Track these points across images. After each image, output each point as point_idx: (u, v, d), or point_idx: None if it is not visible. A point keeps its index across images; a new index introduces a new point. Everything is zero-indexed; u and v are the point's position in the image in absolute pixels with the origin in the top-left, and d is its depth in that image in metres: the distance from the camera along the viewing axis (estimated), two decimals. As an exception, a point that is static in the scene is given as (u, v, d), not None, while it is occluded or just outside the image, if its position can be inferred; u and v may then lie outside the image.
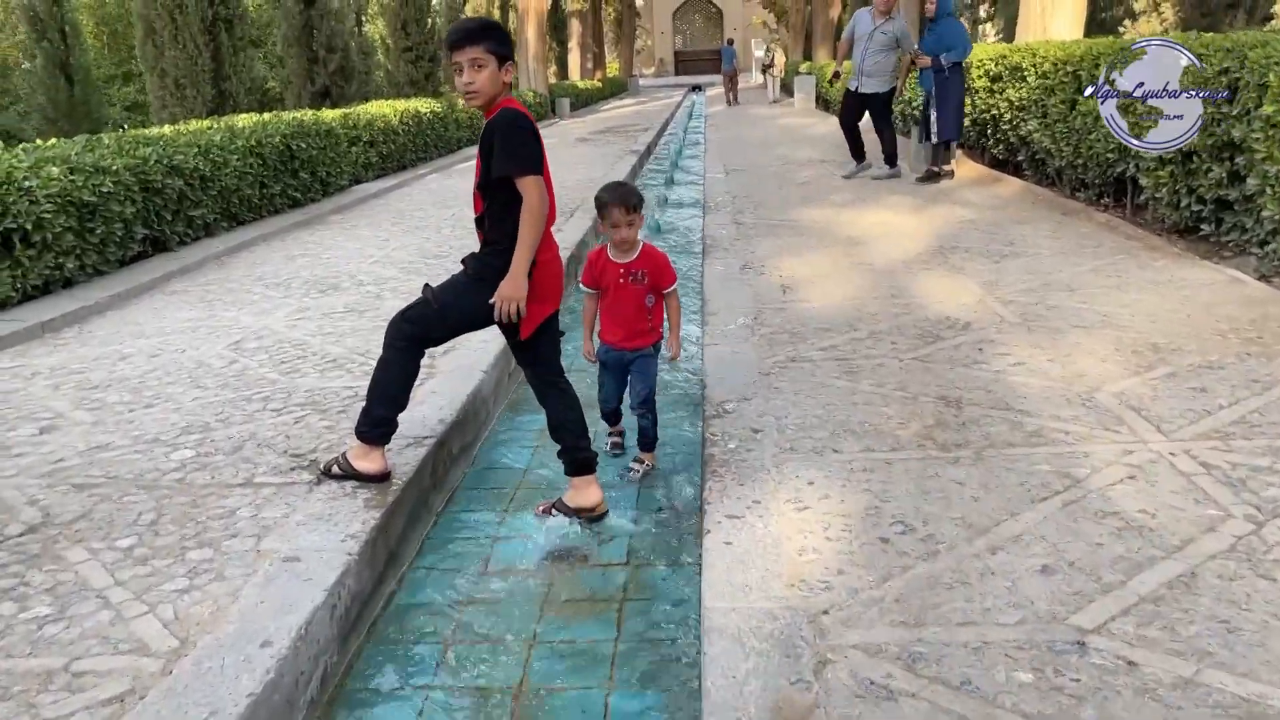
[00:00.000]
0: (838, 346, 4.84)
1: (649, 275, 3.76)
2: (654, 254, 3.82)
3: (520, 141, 3.20)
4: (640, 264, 3.76)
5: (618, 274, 3.75)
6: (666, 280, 3.81)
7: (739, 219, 8.81)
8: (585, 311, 3.91)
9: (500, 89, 3.30)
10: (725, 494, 3.27)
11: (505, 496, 3.97)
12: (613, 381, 3.95)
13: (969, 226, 7.79)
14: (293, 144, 9.82)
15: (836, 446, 3.62)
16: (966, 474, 3.33)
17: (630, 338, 3.82)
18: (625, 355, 3.85)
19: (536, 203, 3.17)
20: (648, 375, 3.89)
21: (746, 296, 5.93)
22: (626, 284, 3.75)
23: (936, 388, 4.18)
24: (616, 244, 3.72)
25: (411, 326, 3.45)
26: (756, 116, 23.22)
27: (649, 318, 3.84)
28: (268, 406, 4.36)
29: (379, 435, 3.54)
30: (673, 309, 3.87)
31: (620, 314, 3.80)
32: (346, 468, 3.56)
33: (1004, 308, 5.35)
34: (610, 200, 3.68)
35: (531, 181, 3.16)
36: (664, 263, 3.83)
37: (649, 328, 3.85)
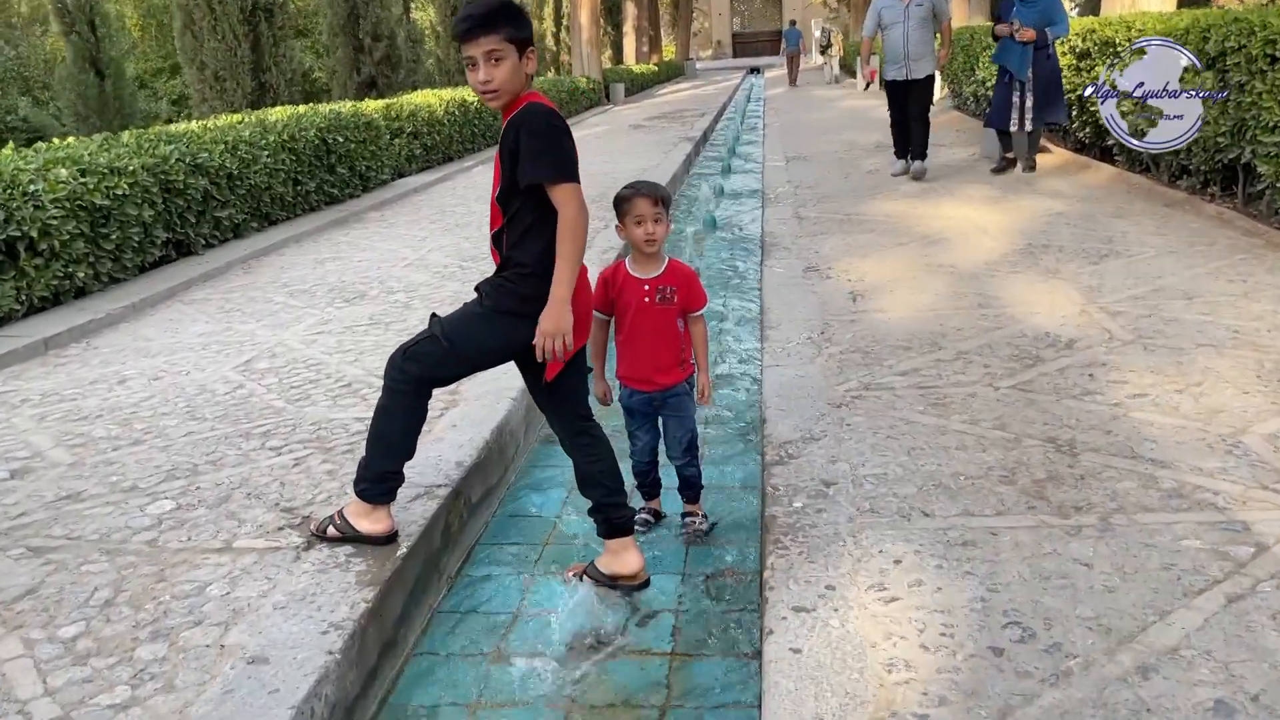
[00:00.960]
0: (920, 370, 4.17)
1: (679, 293, 3.15)
2: (683, 268, 3.22)
3: (553, 142, 2.62)
4: (669, 279, 3.15)
5: (642, 292, 3.13)
6: (698, 301, 3.21)
7: (801, 212, 8.13)
8: (594, 343, 3.23)
9: (523, 83, 2.72)
10: (791, 575, 2.65)
11: (531, 554, 3.41)
12: (646, 432, 3.33)
13: (1059, 221, 7.03)
14: (329, 138, 9.35)
15: (927, 508, 2.97)
16: (1093, 551, 2.67)
17: (659, 373, 3.20)
18: (654, 398, 3.23)
19: (576, 215, 2.60)
20: (686, 416, 3.28)
21: (812, 306, 5.28)
22: (653, 305, 3.14)
23: (1043, 426, 3.51)
24: (642, 246, 3.10)
25: (416, 366, 2.89)
26: (817, 99, 22.37)
27: (680, 347, 3.22)
28: (266, 444, 3.84)
29: (381, 493, 2.99)
30: (699, 337, 3.25)
31: (645, 344, 3.17)
32: (344, 528, 3.02)
33: (1112, 320, 4.64)
34: (633, 192, 3.09)
35: (570, 190, 2.59)
36: (695, 279, 3.23)
37: (681, 359, 3.23)
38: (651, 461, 3.38)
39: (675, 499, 3.50)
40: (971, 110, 14.17)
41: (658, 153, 13.34)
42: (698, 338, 3.24)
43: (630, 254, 3.18)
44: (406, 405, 2.93)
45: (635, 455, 3.36)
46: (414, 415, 2.96)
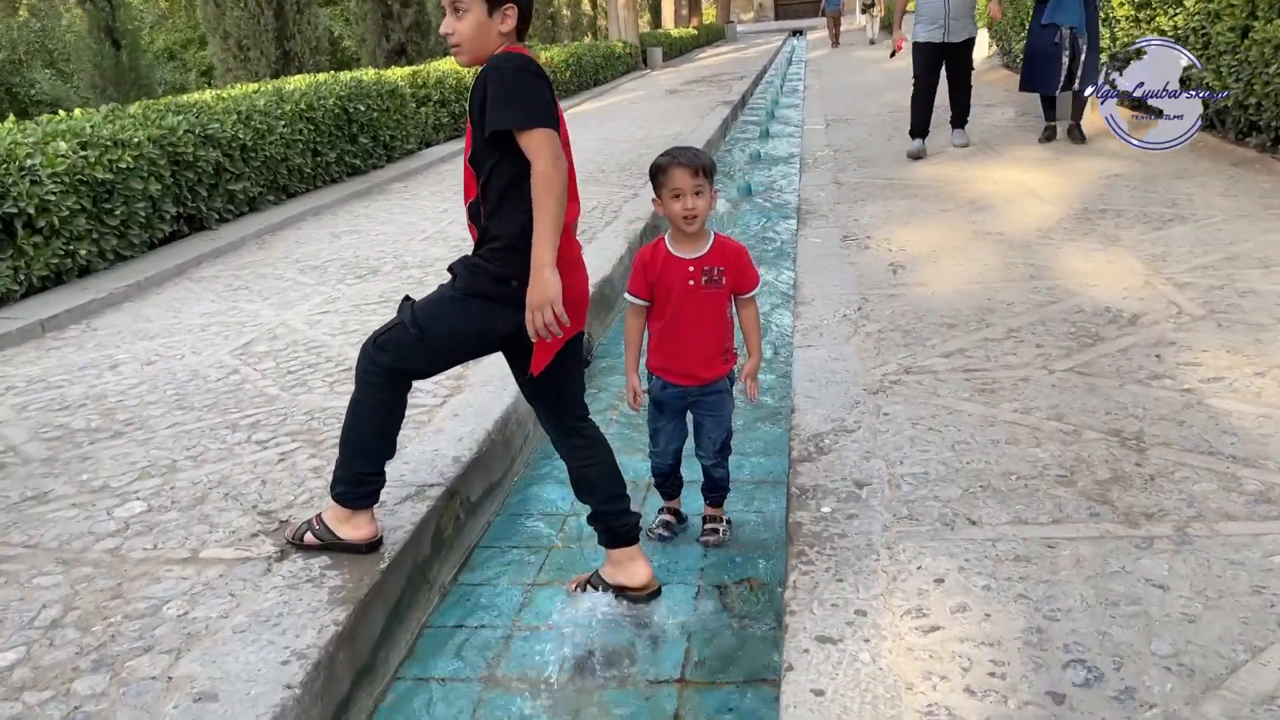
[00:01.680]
0: (966, 351, 3.78)
1: (728, 275, 2.78)
2: (731, 245, 2.84)
3: (521, 85, 2.26)
4: (716, 258, 2.78)
5: (685, 274, 2.77)
6: (749, 281, 2.84)
7: (840, 178, 7.70)
8: (629, 332, 2.91)
9: (494, 42, 2.37)
10: (816, 596, 2.31)
11: (535, 558, 3.11)
12: (672, 430, 2.98)
13: (1117, 182, 6.53)
14: (349, 106, 9.04)
15: (973, 514, 2.61)
16: (1169, 569, 2.29)
17: (703, 366, 2.84)
18: (690, 393, 2.88)
19: (549, 166, 2.22)
20: (723, 416, 2.93)
21: (848, 278, 4.89)
22: (698, 289, 2.77)
23: (1106, 417, 3.11)
24: (681, 224, 2.72)
25: (386, 355, 2.57)
26: (859, 60, 21.65)
27: (728, 335, 2.86)
28: (252, 437, 3.56)
29: (359, 496, 2.69)
30: (751, 322, 2.88)
31: (689, 333, 2.81)
32: (323, 534, 2.73)
33: (1179, 293, 4.20)
34: (670, 161, 2.70)
35: (542, 137, 2.23)
36: (745, 256, 2.85)
37: (724, 350, 2.87)
38: (675, 463, 3.05)
39: (694, 497, 3.18)
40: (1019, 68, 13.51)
41: (693, 117, 12.90)
42: (748, 322, 2.88)
43: (670, 230, 2.82)
44: (378, 399, 2.63)
45: (657, 454, 3.03)
46: (387, 411, 2.65)
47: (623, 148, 10.57)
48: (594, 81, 19.38)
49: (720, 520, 3.07)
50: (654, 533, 3.09)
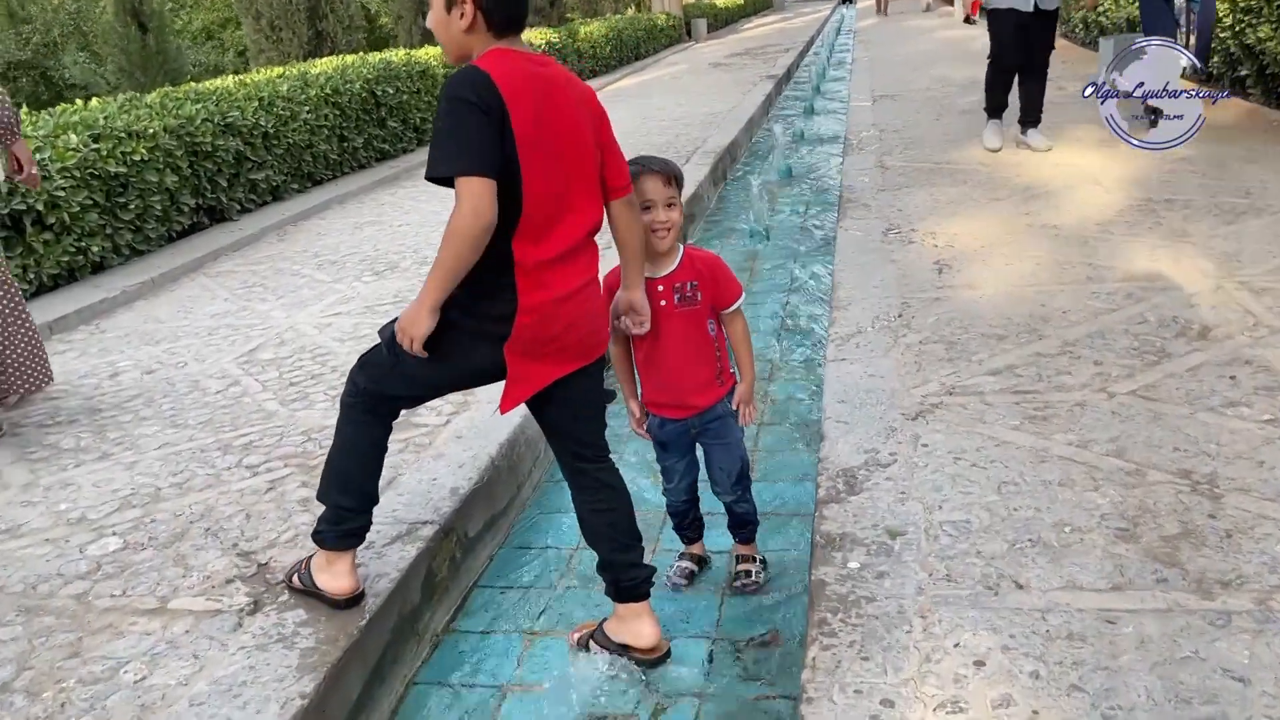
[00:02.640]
0: (1016, 369, 3.45)
1: (703, 289, 2.50)
2: (702, 256, 2.55)
3: (445, 126, 1.99)
4: (686, 273, 2.49)
5: (655, 295, 2.48)
6: (729, 294, 2.54)
7: (886, 161, 7.31)
8: (615, 361, 2.64)
9: (464, 41, 2.13)
10: (837, 680, 2.02)
11: (540, 600, 2.85)
12: (683, 467, 2.70)
13: (1184, 168, 6.09)
14: (377, 90, 8.80)
15: (1020, 576, 2.30)
16: (1250, 655, 1.97)
17: (694, 393, 2.56)
18: (690, 424, 2.60)
19: (457, 218, 1.95)
20: (733, 442, 2.64)
21: (890, 279, 4.55)
22: (672, 309, 2.49)
23: (1173, 453, 2.78)
24: (654, 239, 2.44)
25: (364, 377, 2.37)
26: (911, 29, 20.99)
27: (716, 355, 2.58)
28: (244, 461, 3.34)
29: (339, 536, 2.46)
30: (739, 338, 2.59)
31: (672, 359, 2.53)
32: (306, 580, 2.51)
33: (1255, 300, 3.82)
34: (639, 169, 2.41)
35: (460, 187, 1.95)
36: (720, 266, 2.56)
37: (716, 371, 2.58)
38: (690, 500, 2.78)
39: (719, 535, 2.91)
40: (1080, 39, 12.93)
41: (735, 93, 12.50)
42: (737, 340, 2.59)
43: None
44: (356, 423, 2.41)
45: (670, 495, 2.76)
46: (367, 438, 2.42)
47: (659, 126, 10.24)
48: (635, 56, 18.98)
49: (753, 560, 2.79)
50: (672, 580, 2.82)
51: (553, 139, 2.08)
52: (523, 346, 2.15)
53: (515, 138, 1.99)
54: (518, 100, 2.00)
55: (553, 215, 2.11)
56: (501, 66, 2.03)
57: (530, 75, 2.07)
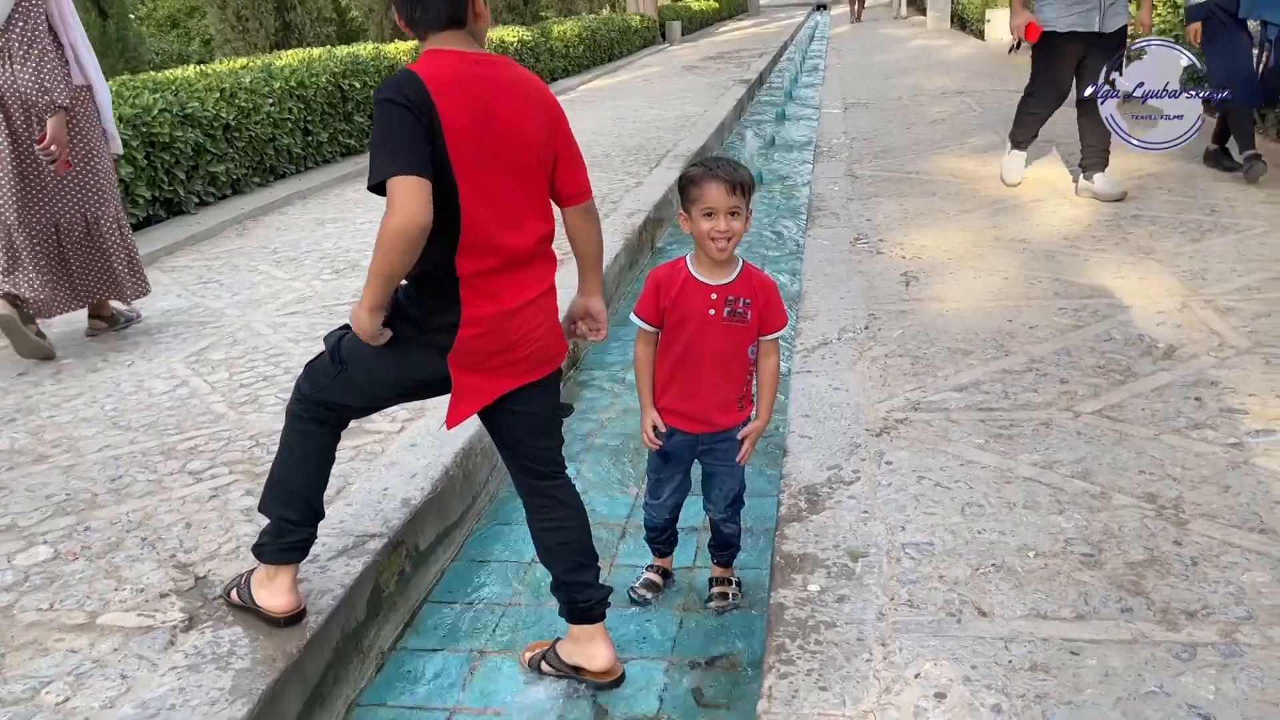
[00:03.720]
0: (982, 385, 3.40)
1: (754, 309, 2.41)
2: (761, 277, 2.48)
3: (380, 126, 1.92)
4: (742, 288, 2.41)
5: (706, 302, 2.40)
6: (776, 320, 2.47)
7: (855, 169, 7.28)
8: (639, 363, 2.53)
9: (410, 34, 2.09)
10: (795, 711, 1.95)
11: (491, 617, 2.77)
12: (678, 483, 2.62)
13: (1151, 183, 6.09)
14: (344, 84, 8.65)
15: (983, 603, 2.24)
16: (1215, 690, 1.92)
17: (720, 411, 2.47)
18: (701, 440, 2.51)
19: (388, 218, 1.85)
20: (737, 467, 2.56)
21: (856, 290, 4.50)
22: (719, 320, 2.40)
23: (1139, 476, 2.73)
24: (712, 251, 2.35)
25: (308, 384, 2.30)
26: (884, 38, 21.06)
27: (749, 378, 2.50)
28: (187, 466, 3.22)
29: (280, 550, 2.35)
30: (769, 374, 2.50)
31: (704, 371, 2.44)
32: (245, 596, 2.40)
33: (1221, 320, 3.80)
34: (704, 173, 2.32)
35: (391, 187, 1.86)
36: (775, 292, 2.48)
37: (742, 395, 2.50)
38: (673, 518, 2.70)
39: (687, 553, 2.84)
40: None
41: (708, 97, 12.45)
42: (766, 374, 2.49)
43: (694, 251, 2.44)
44: (301, 432, 2.32)
45: (654, 507, 2.67)
46: (312, 448, 2.33)
47: (631, 129, 10.16)
48: (609, 56, 18.88)
49: (729, 583, 2.73)
50: (636, 592, 2.74)
51: (490, 140, 1.98)
52: (466, 359, 2.06)
53: (446, 137, 1.91)
54: (448, 98, 1.91)
55: (495, 221, 2.02)
56: (433, 66, 1.95)
57: (467, 75, 1.97)
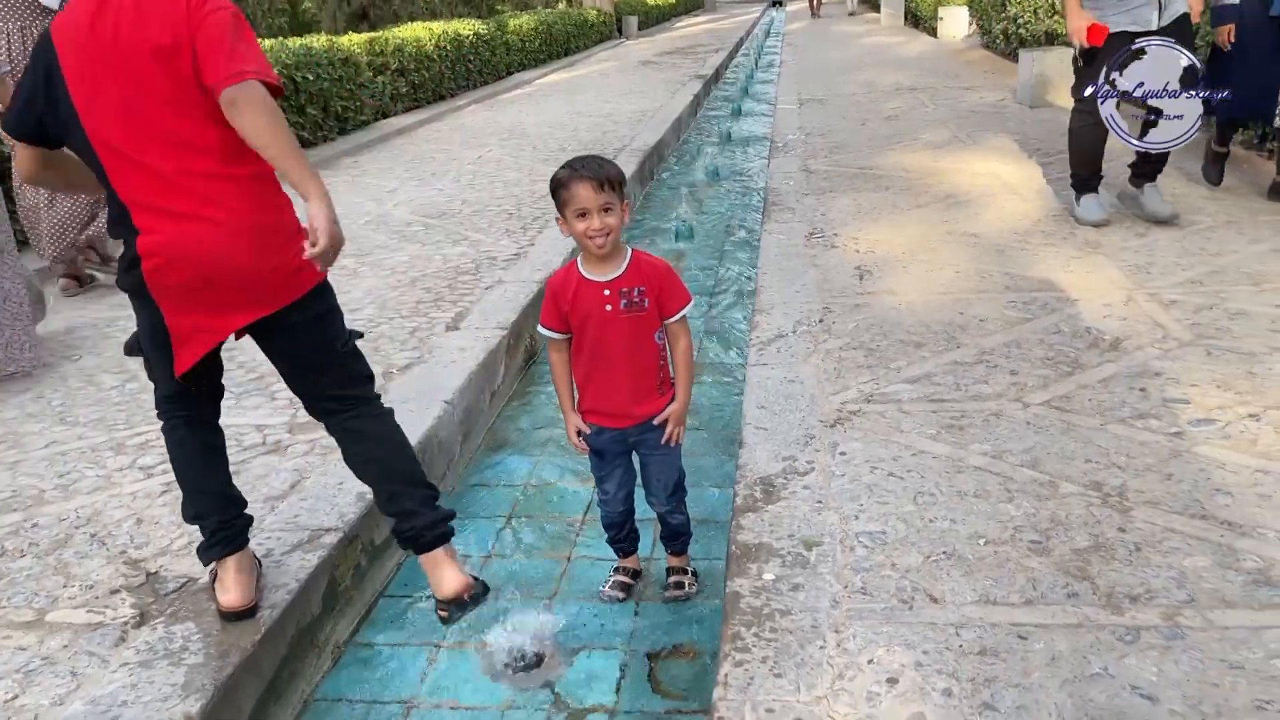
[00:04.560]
0: (934, 377, 3.45)
1: (650, 295, 2.41)
2: (651, 261, 2.47)
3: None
4: (634, 278, 2.41)
5: (602, 299, 2.41)
6: (676, 301, 2.46)
7: (810, 165, 7.34)
8: (554, 369, 2.55)
9: None
10: (750, 698, 1.97)
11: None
12: (620, 475, 2.61)
13: (1098, 180, 6.19)
14: (297, 76, 8.55)
15: (935, 589, 2.28)
16: (1158, 672, 1.98)
17: (637, 402, 2.48)
18: (628, 434, 2.52)
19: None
20: (672, 455, 2.56)
21: (811, 284, 4.55)
22: (618, 314, 2.41)
23: (1085, 465, 2.79)
24: (590, 247, 2.35)
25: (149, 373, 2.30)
26: (839, 35, 21.21)
27: (661, 365, 2.49)
28: (138, 461, 3.18)
29: (208, 547, 2.39)
30: (681, 354, 2.49)
31: (615, 366, 2.45)
32: (211, 594, 2.39)
33: (1165, 313, 3.89)
34: (569, 174, 2.32)
35: None
36: (669, 274, 2.48)
37: (659, 381, 2.50)
38: (627, 511, 2.68)
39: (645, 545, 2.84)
40: (1001, 49, 13.18)
41: (664, 92, 12.46)
42: (679, 354, 2.49)
43: (581, 252, 2.45)
44: (167, 435, 2.35)
45: (606, 506, 2.66)
46: (180, 446, 2.34)
47: (588, 124, 10.15)
48: (565, 51, 18.83)
49: (685, 572, 2.74)
50: (606, 595, 2.73)
51: (104, 62, 1.99)
52: (167, 296, 2.07)
53: (64, 74, 1.98)
54: (64, 37, 2.00)
55: (130, 140, 2.00)
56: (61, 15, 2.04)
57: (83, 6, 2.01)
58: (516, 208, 6.53)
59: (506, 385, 4.11)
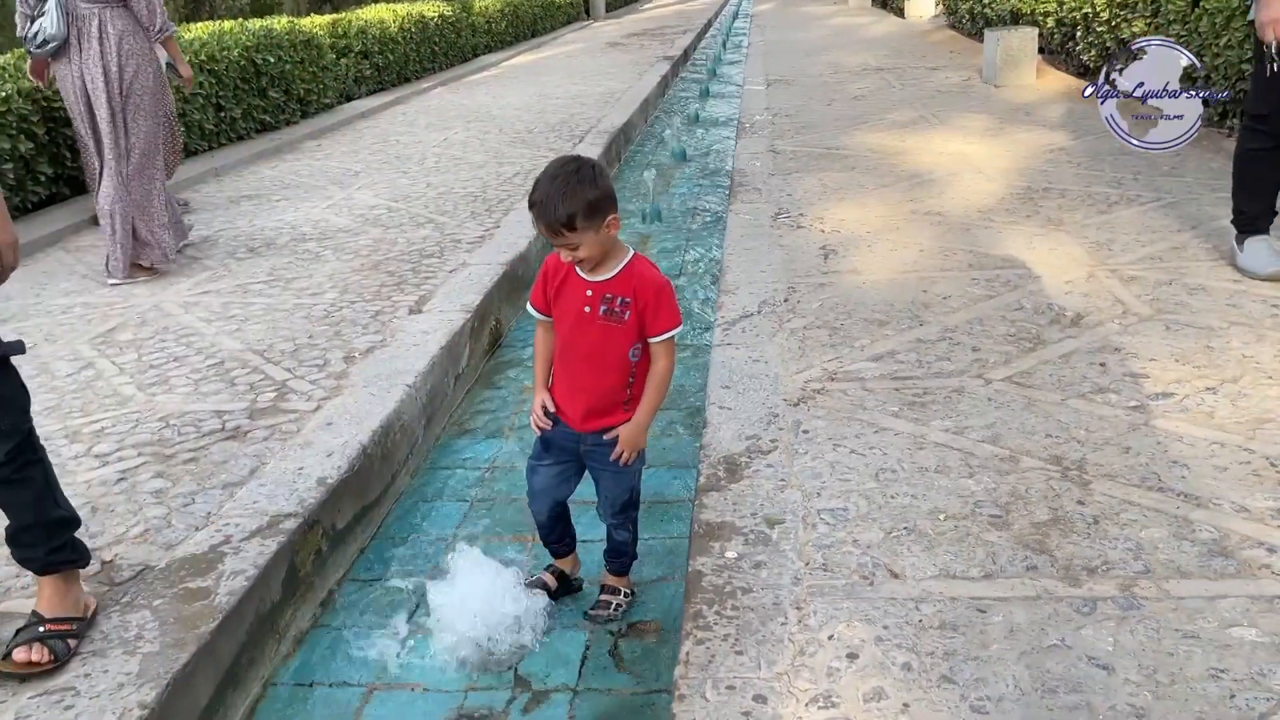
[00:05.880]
0: (897, 354, 3.46)
1: (633, 309, 2.28)
2: (646, 274, 2.30)
3: None
4: (620, 286, 2.28)
5: (583, 299, 2.30)
6: (662, 322, 2.29)
7: (777, 145, 7.32)
8: (537, 346, 2.47)
9: None
10: (711, 674, 1.97)
11: (409, 597, 2.73)
12: (552, 476, 2.48)
13: (1061, 158, 6.25)
14: (257, 58, 8.41)
15: (895, 565, 2.29)
16: (1114, 642, 1.99)
17: (592, 414, 2.36)
18: (580, 438, 2.41)
19: None
20: (625, 472, 2.43)
21: (777, 263, 4.54)
22: (594, 319, 2.30)
23: (1045, 440, 2.81)
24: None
25: None
26: (806, 15, 21.18)
27: (630, 382, 2.36)
28: (93, 449, 3.12)
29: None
30: (657, 371, 2.34)
31: (579, 371, 2.35)
32: None
33: (1125, 289, 3.92)
34: (532, 210, 2.19)
35: None
36: (663, 291, 2.29)
37: (625, 398, 2.37)
38: (553, 517, 2.54)
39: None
40: (966, 29, 13.21)
41: (632, 73, 12.40)
42: (654, 375, 2.34)
43: None
44: None
45: (532, 501, 2.54)
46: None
47: (555, 105, 10.08)
48: (532, 33, 18.67)
49: (618, 593, 2.57)
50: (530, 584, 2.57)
51: None
52: None
53: None
54: None
55: None
56: None
57: None
58: (482, 190, 6.48)
59: (472, 369, 4.08)
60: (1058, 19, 9.43)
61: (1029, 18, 10.23)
